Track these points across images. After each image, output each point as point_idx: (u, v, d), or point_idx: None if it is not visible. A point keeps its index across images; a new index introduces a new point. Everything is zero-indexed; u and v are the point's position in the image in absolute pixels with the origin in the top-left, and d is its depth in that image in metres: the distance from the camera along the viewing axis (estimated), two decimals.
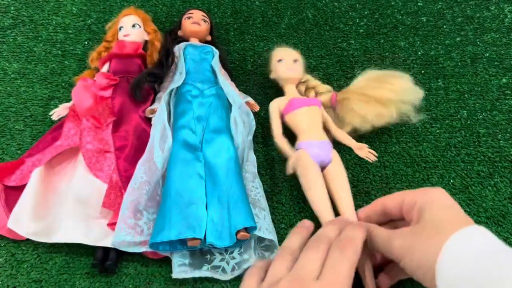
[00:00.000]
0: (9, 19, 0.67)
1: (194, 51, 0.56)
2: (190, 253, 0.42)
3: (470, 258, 0.26)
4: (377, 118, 0.49)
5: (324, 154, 0.46)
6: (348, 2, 0.70)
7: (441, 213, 0.30)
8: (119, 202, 0.42)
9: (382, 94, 0.48)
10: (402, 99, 0.48)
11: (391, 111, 0.48)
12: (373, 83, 0.49)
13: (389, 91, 0.48)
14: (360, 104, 0.49)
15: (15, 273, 0.41)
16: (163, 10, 0.70)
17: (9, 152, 0.51)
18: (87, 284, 0.41)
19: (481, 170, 0.49)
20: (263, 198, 0.45)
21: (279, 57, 0.55)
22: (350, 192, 0.44)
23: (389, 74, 0.50)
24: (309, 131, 0.48)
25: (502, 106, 0.55)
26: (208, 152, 0.46)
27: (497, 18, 0.65)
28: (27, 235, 0.41)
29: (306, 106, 0.50)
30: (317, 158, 0.45)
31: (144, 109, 0.52)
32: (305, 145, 0.47)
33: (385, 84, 0.48)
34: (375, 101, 0.48)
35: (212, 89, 0.53)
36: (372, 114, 0.48)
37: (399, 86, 0.48)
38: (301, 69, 0.54)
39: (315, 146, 0.46)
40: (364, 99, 0.49)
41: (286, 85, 0.54)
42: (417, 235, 0.30)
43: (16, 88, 0.58)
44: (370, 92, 0.48)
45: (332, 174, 0.45)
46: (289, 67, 0.53)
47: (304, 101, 0.51)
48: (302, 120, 0.49)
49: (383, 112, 0.48)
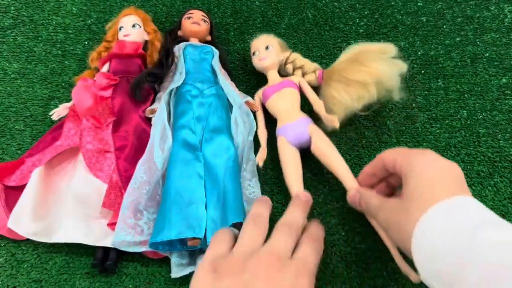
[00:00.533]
0: (9, 19, 0.67)
1: (194, 51, 0.56)
2: (188, 253, 0.42)
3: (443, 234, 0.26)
4: (358, 101, 0.49)
5: (300, 132, 0.47)
6: (348, 2, 0.70)
7: (423, 183, 0.29)
8: (119, 202, 0.42)
9: (360, 77, 0.48)
10: (380, 81, 0.48)
11: (372, 91, 0.48)
12: (352, 65, 0.49)
13: (367, 74, 0.48)
14: (339, 86, 0.49)
15: (15, 273, 0.41)
16: (163, 10, 0.70)
17: (9, 152, 0.51)
18: (87, 284, 0.41)
19: (481, 170, 0.49)
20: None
21: (252, 50, 0.56)
22: (341, 160, 0.44)
23: (369, 52, 0.50)
24: (284, 115, 0.49)
25: (502, 106, 0.55)
26: (207, 152, 0.46)
27: (497, 18, 0.65)
28: (27, 235, 0.41)
29: (277, 92, 0.51)
30: (294, 139, 0.47)
31: (144, 109, 0.52)
32: (281, 131, 0.48)
33: (364, 66, 0.48)
34: (355, 83, 0.48)
35: (212, 89, 0.53)
36: (353, 98, 0.48)
37: (377, 69, 0.48)
38: (274, 54, 0.54)
39: (289, 128, 0.47)
40: (344, 80, 0.49)
41: (266, 73, 0.55)
42: (398, 209, 0.30)
43: (16, 88, 0.58)
44: (350, 76, 0.49)
45: (317, 151, 0.46)
46: (261, 56, 0.54)
47: (274, 87, 0.51)
48: (275, 107, 0.50)
49: (363, 94, 0.48)
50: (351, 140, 0.53)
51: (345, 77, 0.49)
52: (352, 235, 0.44)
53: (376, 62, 0.48)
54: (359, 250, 0.43)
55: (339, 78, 0.50)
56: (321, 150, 0.45)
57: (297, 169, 0.45)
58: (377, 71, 0.48)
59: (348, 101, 0.48)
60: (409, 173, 0.31)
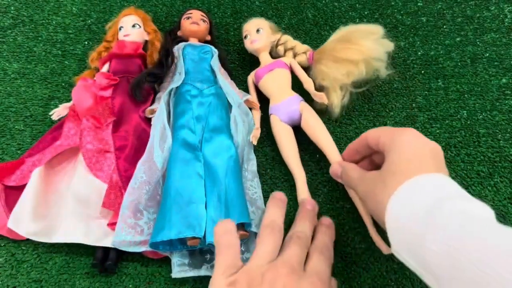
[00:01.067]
0: (9, 19, 0.67)
1: (193, 51, 0.56)
2: (189, 252, 0.42)
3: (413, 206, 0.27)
4: (347, 76, 0.50)
5: (291, 110, 0.49)
6: (348, 2, 0.70)
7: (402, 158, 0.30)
8: (119, 202, 0.42)
9: (349, 55, 0.50)
10: (369, 58, 0.50)
11: (361, 68, 0.50)
12: (341, 44, 0.51)
13: (356, 52, 0.50)
14: (329, 64, 0.51)
15: (15, 273, 0.41)
16: (163, 10, 0.70)
17: (9, 152, 0.51)
18: (87, 284, 0.41)
19: (481, 170, 0.49)
20: (260, 199, 0.45)
21: (244, 33, 0.58)
22: (328, 135, 0.47)
23: (358, 32, 0.52)
24: (275, 95, 0.51)
25: (502, 106, 0.55)
26: (207, 151, 0.46)
27: (497, 18, 0.65)
28: (27, 235, 0.41)
29: (268, 72, 0.52)
30: (286, 117, 0.49)
31: (144, 109, 0.52)
32: (273, 110, 0.50)
33: (353, 45, 0.50)
34: (344, 60, 0.50)
35: (212, 88, 0.53)
36: (342, 73, 0.50)
37: (366, 46, 0.50)
38: (265, 36, 0.56)
39: (281, 107, 0.50)
40: (334, 59, 0.51)
41: (258, 55, 0.57)
42: (376, 181, 0.31)
43: (16, 88, 0.58)
44: (339, 54, 0.51)
45: (307, 127, 0.48)
46: (252, 39, 0.56)
47: (266, 68, 0.53)
48: (267, 87, 0.52)
49: (352, 69, 0.50)
50: (351, 140, 0.53)
51: (334, 56, 0.51)
52: (352, 235, 0.44)
53: (364, 40, 0.50)
54: (359, 250, 0.43)
55: (329, 57, 0.52)
56: (310, 126, 0.48)
57: (292, 145, 0.48)
58: (366, 49, 0.50)
59: (337, 74, 0.50)
60: (390, 148, 0.32)
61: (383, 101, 0.56)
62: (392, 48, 0.53)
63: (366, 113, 0.55)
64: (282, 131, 0.49)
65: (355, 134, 0.53)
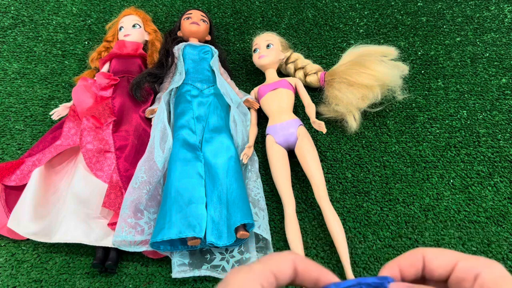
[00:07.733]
0: (9, 19, 0.67)
1: (193, 51, 0.56)
2: (189, 252, 0.42)
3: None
4: (362, 100, 0.50)
5: (288, 133, 0.48)
6: (348, 2, 0.70)
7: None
8: (120, 202, 0.42)
9: (363, 80, 0.49)
10: (383, 83, 0.49)
11: (376, 92, 0.49)
12: (354, 68, 0.50)
13: (370, 77, 0.49)
14: (343, 87, 0.50)
15: (15, 273, 0.41)
16: (163, 10, 0.70)
17: (9, 152, 0.51)
18: (87, 284, 0.41)
19: (481, 170, 0.49)
20: (263, 200, 0.45)
21: (254, 47, 0.57)
22: (318, 165, 0.45)
23: (370, 55, 0.51)
24: (275, 115, 0.51)
25: (502, 106, 0.55)
26: (207, 151, 0.46)
27: (497, 18, 0.65)
28: (27, 235, 0.41)
29: (271, 91, 0.52)
30: (282, 139, 0.48)
31: (144, 109, 0.52)
32: (271, 130, 0.50)
33: (366, 69, 0.49)
34: (358, 85, 0.49)
35: (211, 88, 0.53)
36: (357, 97, 0.49)
37: (379, 72, 0.49)
38: (274, 53, 0.55)
39: (278, 129, 0.49)
40: (347, 82, 0.50)
41: (265, 71, 0.56)
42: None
43: (16, 88, 0.58)
44: (352, 78, 0.50)
45: (299, 151, 0.47)
46: (261, 54, 0.55)
47: (270, 86, 0.52)
48: (268, 105, 0.52)
49: (367, 94, 0.49)
50: (351, 140, 0.53)
51: (348, 79, 0.50)
52: (352, 235, 0.44)
53: (379, 65, 0.49)
54: (359, 250, 0.43)
55: (342, 80, 0.50)
56: (302, 152, 0.47)
57: (284, 171, 0.46)
58: (381, 74, 0.49)
59: (352, 99, 0.49)
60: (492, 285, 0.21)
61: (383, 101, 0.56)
62: (407, 71, 0.51)
63: (366, 113, 0.55)
64: (276, 155, 0.47)
65: (355, 134, 0.53)
